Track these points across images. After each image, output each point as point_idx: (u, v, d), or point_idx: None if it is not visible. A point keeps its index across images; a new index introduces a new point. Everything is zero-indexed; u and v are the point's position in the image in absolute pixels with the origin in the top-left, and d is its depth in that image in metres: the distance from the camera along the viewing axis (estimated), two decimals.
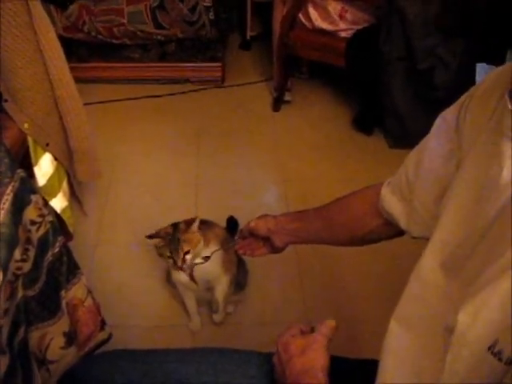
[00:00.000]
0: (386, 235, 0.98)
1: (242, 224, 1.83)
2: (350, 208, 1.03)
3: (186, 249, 1.43)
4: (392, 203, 0.90)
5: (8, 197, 0.89)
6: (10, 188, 0.91)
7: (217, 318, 1.72)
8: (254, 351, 0.99)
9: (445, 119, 0.78)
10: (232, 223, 1.83)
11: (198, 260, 1.45)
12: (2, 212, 0.86)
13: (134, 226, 2.11)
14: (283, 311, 1.80)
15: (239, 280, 1.74)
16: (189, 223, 1.46)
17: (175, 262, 1.43)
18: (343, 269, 1.96)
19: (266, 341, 1.61)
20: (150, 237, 1.46)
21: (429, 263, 0.70)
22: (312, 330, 0.86)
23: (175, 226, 1.47)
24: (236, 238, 1.25)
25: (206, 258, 1.44)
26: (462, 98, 0.75)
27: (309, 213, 1.10)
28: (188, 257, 1.43)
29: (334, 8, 2.40)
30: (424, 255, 0.72)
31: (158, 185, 2.33)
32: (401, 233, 0.92)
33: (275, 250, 1.16)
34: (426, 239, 0.75)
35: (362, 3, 2.38)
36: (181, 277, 1.56)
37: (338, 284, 1.90)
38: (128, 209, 2.20)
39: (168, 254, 1.43)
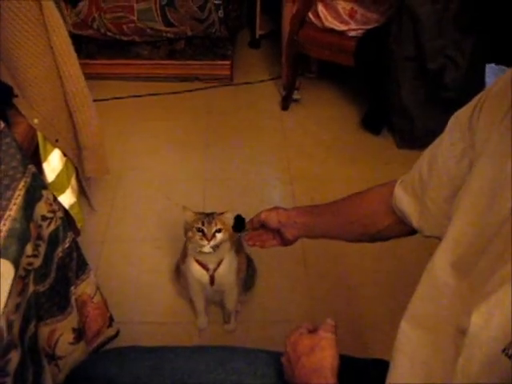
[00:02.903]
0: (398, 233, 0.98)
1: None
2: (362, 205, 1.03)
3: (219, 226, 1.42)
4: (405, 201, 0.90)
5: (20, 192, 0.90)
6: (22, 183, 0.91)
7: (229, 327, 1.73)
8: (263, 350, 0.99)
9: (458, 119, 0.78)
10: (239, 222, 1.82)
11: (207, 249, 1.44)
12: (15, 207, 0.86)
13: (142, 223, 2.12)
14: (290, 310, 1.80)
15: (247, 280, 1.74)
16: (223, 212, 1.45)
17: (205, 235, 1.41)
18: (350, 268, 1.95)
19: (273, 339, 1.63)
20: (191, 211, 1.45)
21: (440, 263, 0.70)
22: (316, 330, 0.87)
23: (211, 212, 1.46)
24: (246, 228, 1.24)
25: (215, 248, 1.44)
26: (476, 98, 0.75)
27: (321, 208, 1.10)
28: (218, 235, 1.42)
29: (344, 8, 2.40)
30: (436, 255, 0.71)
31: (166, 182, 2.33)
32: (413, 232, 0.92)
33: (285, 242, 1.16)
34: (438, 239, 0.74)
35: (372, 3, 2.37)
36: (200, 275, 1.55)
37: (345, 283, 1.90)
38: (136, 205, 2.20)
39: (199, 225, 1.41)
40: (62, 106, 1.66)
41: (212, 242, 1.42)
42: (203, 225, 1.41)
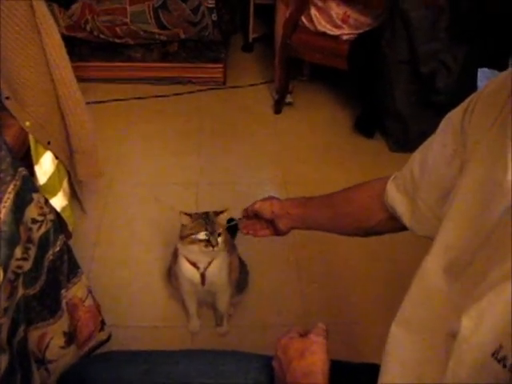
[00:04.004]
0: (391, 229, 0.98)
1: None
2: (356, 199, 1.03)
3: (220, 230, 1.45)
4: (396, 199, 0.90)
5: (10, 195, 0.89)
6: (11, 186, 0.91)
7: (221, 330, 1.73)
8: (255, 354, 0.99)
9: (450, 120, 0.78)
10: (232, 225, 1.82)
11: (213, 251, 1.47)
12: (4, 210, 0.86)
13: (134, 226, 2.11)
14: (282, 314, 1.80)
15: (240, 282, 1.74)
16: (219, 212, 1.49)
17: (210, 241, 1.44)
18: (342, 272, 1.95)
19: (265, 343, 1.61)
20: (186, 213, 1.48)
21: (432, 267, 0.70)
22: (307, 334, 0.86)
23: (206, 212, 1.50)
24: (240, 217, 1.25)
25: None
26: (468, 100, 0.75)
27: (315, 200, 1.11)
28: (220, 239, 1.45)
29: (337, 13, 2.40)
30: (427, 259, 0.71)
31: (158, 185, 2.32)
32: (405, 227, 0.92)
33: (278, 233, 1.16)
34: (430, 239, 0.74)
35: (365, 8, 2.38)
36: (191, 274, 1.56)
37: (337, 287, 1.90)
38: (128, 208, 2.19)
39: (203, 230, 1.44)
40: (55, 108, 1.65)
41: (216, 248, 1.45)
42: (207, 230, 1.44)
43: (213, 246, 1.44)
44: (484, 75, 2.48)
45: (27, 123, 1.53)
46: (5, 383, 0.78)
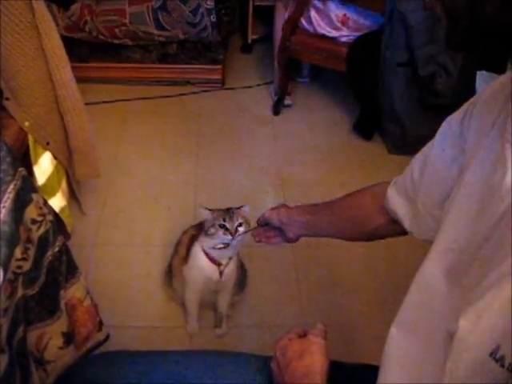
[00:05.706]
0: (393, 232, 0.98)
1: None
2: (357, 204, 1.05)
3: (240, 220, 1.46)
4: (397, 203, 0.91)
5: (10, 195, 0.89)
6: (11, 186, 0.91)
7: (220, 332, 1.72)
8: (253, 354, 0.99)
9: (449, 124, 0.78)
10: None
11: (220, 245, 1.49)
12: (4, 210, 0.85)
13: (133, 227, 2.11)
14: (280, 315, 1.80)
15: (239, 280, 1.74)
16: (240, 206, 1.51)
17: (228, 230, 1.44)
18: (340, 273, 1.96)
19: (263, 344, 1.63)
20: (205, 208, 1.50)
21: (431, 270, 0.70)
22: (306, 335, 0.87)
23: (228, 208, 1.51)
24: (254, 226, 1.27)
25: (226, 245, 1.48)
26: (467, 104, 0.75)
27: (319, 206, 1.12)
28: (241, 229, 1.45)
29: (336, 15, 2.41)
30: (426, 262, 0.72)
31: (157, 185, 2.32)
32: (406, 231, 0.93)
33: (288, 240, 1.17)
34: (429, 243, 0.75)
35: (364, 10, 2.38)
36: (210, 271, 1.56)
37: (336, 287, 1.90)
38: (127, 209, 2.19)
39: (221, 222, 1.45)
40: (53, 109, 1.65)
41: (236, 237, 1.45)
42: (225, 221, 1.45)
43: (232, 234, 1.44)
44: (482, 78, 2.48)
45: (26, 123, 1.53)
46: (5, 383, 0.78)
